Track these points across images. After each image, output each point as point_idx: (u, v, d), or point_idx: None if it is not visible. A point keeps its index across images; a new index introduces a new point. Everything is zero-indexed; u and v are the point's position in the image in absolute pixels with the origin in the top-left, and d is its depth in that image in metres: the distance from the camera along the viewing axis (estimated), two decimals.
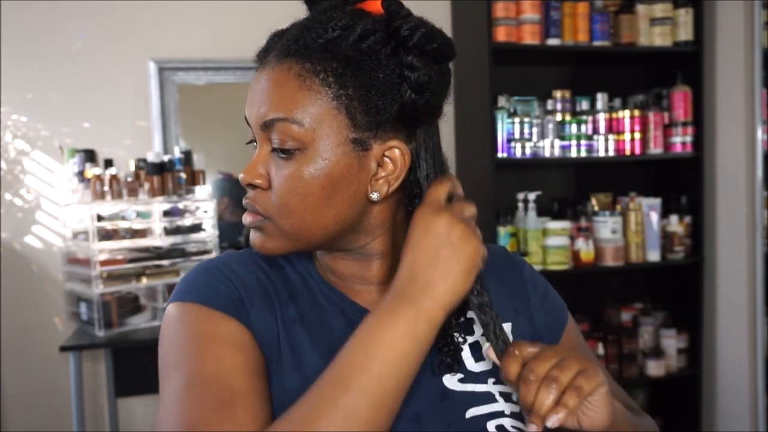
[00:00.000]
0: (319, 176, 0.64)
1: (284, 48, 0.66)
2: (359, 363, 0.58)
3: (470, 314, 0.72)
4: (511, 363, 0.63)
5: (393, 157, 0.67)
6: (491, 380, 0.71)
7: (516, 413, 0.69)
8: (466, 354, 0.72)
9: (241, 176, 0.68)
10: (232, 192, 2.59)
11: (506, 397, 0.70)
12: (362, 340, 0.60)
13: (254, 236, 0.69)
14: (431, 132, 0.70)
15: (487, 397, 0.70)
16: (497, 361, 0.66)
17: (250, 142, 0.70)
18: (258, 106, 0.66)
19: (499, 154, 2.41)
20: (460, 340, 0.72)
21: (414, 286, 0.62)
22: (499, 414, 0.70)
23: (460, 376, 0.71)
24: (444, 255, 0.63)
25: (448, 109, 0.72)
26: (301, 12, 0.70)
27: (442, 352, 0.70)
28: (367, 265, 0.73)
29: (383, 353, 0.59)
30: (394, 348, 0.59)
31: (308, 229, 0.66)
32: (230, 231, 2.52)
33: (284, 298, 0.71)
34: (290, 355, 0.68)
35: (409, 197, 0.70)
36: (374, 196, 0.67)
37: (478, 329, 0.73)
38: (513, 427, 0.69)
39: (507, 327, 0.76)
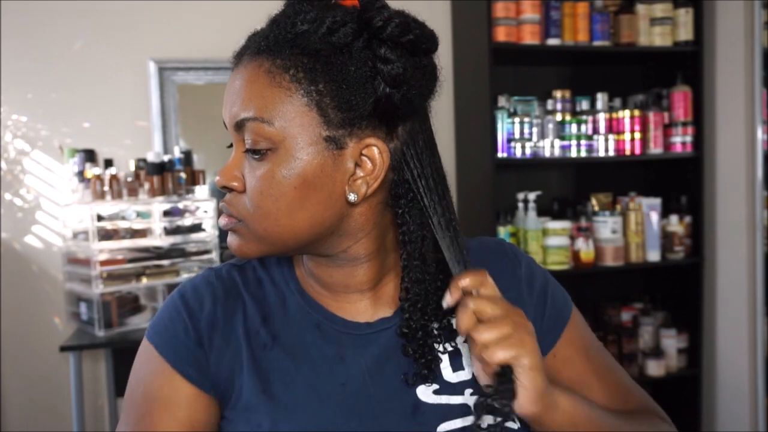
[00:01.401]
0: (291, 177, 0.62)
1: (256, 45, 0.64)
2: None
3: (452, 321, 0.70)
4: (454, 289, 0.64)
5: (371, 155, 0.64)
6: (468, 391, 0.69)
7: (492, 425, 0.66)
8: (445, 363, 0.70)
9: (216, 179, 0.66)
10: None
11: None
12: None
13: (230, 239, 0.67)
14: (416, 129, 0.66)
15: (463, 410, 0.68)
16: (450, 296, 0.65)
17: (230, 145, 0.68)
18: (231, 106, 0.65)
19: (499, 154, 2.41)
20: (440, 350, 0.70)
21: None
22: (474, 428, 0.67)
23: (435, 387, 0.69)
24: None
25: (449, 109, 0.70)
26: None
27: (418, 362, 0.68)
28: (351, 272, 0.70)
29: None
30: None
31: (282, 233, 0.64)
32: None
33: (257, 322, 0.70)
34: (257, 380, 0.67)
35: (394, 198, 0.67)
36: (351, 197, 0.64)
37: (459, 336, 0.71)
38: None
39: None
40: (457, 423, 0.68)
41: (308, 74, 0.61)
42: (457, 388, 0.69)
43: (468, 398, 0.69)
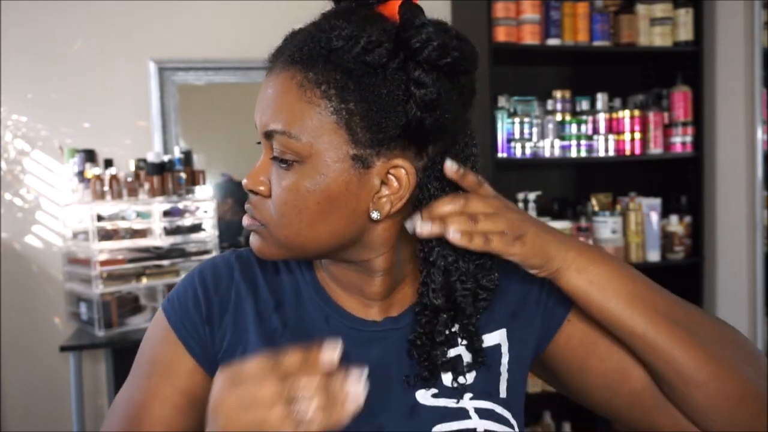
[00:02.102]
0: (315, 191, 0.62)
1: (291, 54, 0.63)
2: None
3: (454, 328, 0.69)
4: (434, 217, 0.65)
5: (398, 176, 0.63)
6: (468, 395, 0.69)
7: (490, 431, 0.67)
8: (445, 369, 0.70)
9: (244, 181, 0.67)
10: (236, 194, 2.59)
11: (482, 414, 0.69)
12: None
13: (253, 239, 0.68)
14: (448, 147, 0.66)
15: (460, 414, 0.68)
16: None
17: (260, 142, 0.68)
18: (262, 114, 0.64)
19: (499, 154, 2.41)
20: (443, 358, 0.69)
21: None
22: (470, 431, 0.68)
23: (434, 391, 0.69)
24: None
25: None
26: (301, 13, 0.68)
27: (421, 366, 0.68)
28: (369, 281, 0.70)
29: None
30: None
31: (303, 242, 0.65)
32: (230, 231, 2.52)
33: (270, 308, 0.71)
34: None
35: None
36: (375, 215, 0.64)
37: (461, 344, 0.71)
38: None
39: (501, 333, 0.73)
40: (453, 425, 0.68)
41: (340, 92, 0.60)
42: (455, 393, 0.70)
43: (467, 402, 0.69)
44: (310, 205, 0.62)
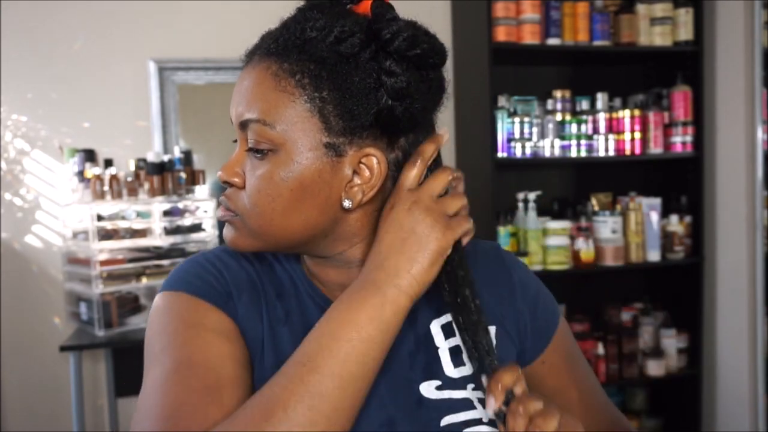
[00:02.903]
0: (289, 179, 0.64)
1: (266, 47, 0.65)
2: (326, 344, 0.59)
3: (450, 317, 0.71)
4: (498, 393, 0.61)
5: (369, 164, 0.65)
6: (470, 386, 0.70)
7: (494, 421, 0.67)
8: (446, 359, 0.71)
9: (219, 173, 0.68)
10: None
11: (484, 404, 0.68)
12: (329, 322, 0.61)
13: (227, 231, 0.69)
14: (419, 141, 0.67)
15: (465, 404, 0.69)
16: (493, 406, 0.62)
17: (236, 140, 0.69)
18: (237, 105, 0.66)
19: (499, 154, 2.41)
20: (441, 347, 0.71)
21: (380, 274, 0.62)
22: (476, 421, 0.69)
23: (437, 383, 0.70)
24: (409, 245, 0.63)
25: (449, 108, 0.70)
26: None
27: (420, 359, 0.69)
28: (347, 273, 0.71)
29: (349, 335, 0.59)
30: (360, 331, 0.60)
31: (276, 232, 0.66)
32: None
33: (272, 296, 0.71)
34: (273, 353, 0.68)
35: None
36: (347, 203, 0.65)
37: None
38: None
39: (491, 330, 0.74)
40: (460, 416, 0.69)
41: (313, 81, 0.62)
42: (459, 383, 0.70)
43: (470, 393, 0.70)
44: (283, 192, 0.64)
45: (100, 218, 2.16)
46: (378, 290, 0.62)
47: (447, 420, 0.68)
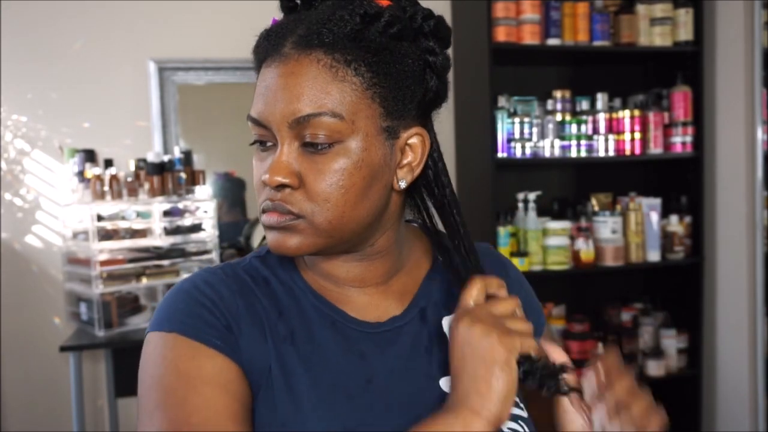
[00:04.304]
0: (361, 167, 0.64)
1: (305, 40, 0.63)
2: None
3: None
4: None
5: (414, 144, 0.68)
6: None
7: (514, 415, 0.68)
8: None
9: (265, 177, 0.64)
10: (228, 192, 2.59)
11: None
12: None
13: (280, 237, 0.65)
14: (432, 118, 0.72)
15: None
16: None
17: (255, 142, 0.67)
18: (284, 104, 0.63)
19: (499, 154, 2.41)
20: None
21: (467, 408, 0.60)
22: None
23: None
24: (485, 377, 0.60)
25: (449, 109, 0.73)
26: None
27: (437, 355, 0.69)
28: (369, 265, 0.71)
29: None
30: None
31: (345, 224, 0.65)
32: (230, 231, 2.52)
33: (273, 316, 0.68)
34: (281, 377, 0.65)
35: (414, 186, 0.72)
36: (402, 183, 0.68)
37: None
38: (509, 428, 0.68)
39: None
40: None
41: (370, 67, 0.64)
42: None
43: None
44: (357, 182, 0.64)
45: (100, 218, 2.16)
46: (470, 421, 0.60)
47: None
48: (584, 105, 2.57)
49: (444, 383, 0.69)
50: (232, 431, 0.60)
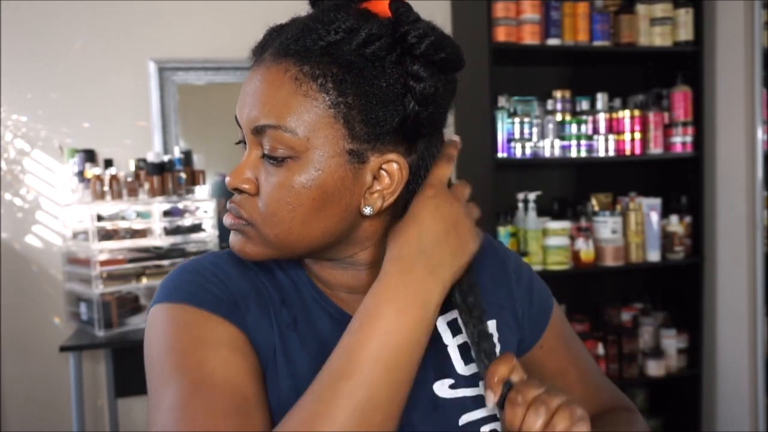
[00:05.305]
0: (310, 187, 0.61)
1: (282, 47, 0.61)
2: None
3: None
4: (495, 386, 0.61)
5: (390, 171, 0.63)
6: (482, 383, 0.69)
7: (494, 415, 0.69)
8: (456, 356, 0.71)
9: (227, 179, 0.64)
10: (228, 192, 2.58)
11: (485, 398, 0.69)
12: (365, 314, 0.59)
13: (235, 239, 0.65)
14: (433, 143, 0.66)
15: (479, 402, 0.69)
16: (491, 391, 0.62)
17: (239, 142, 0.67)
18: (249, 109, 0.62)
19: (499, 154, 2.41)
20: (449, 344, 0.71)
21: (423, 262, 0.60)
22: (492, 418, 0.69)
23: (450, 381, 0.70)
24: (453, 239, 0.62)
25: None
26: (302, 11, 0.67)
27: (430, 359, 0.69)
28: (356, 275, 0.70)
29: (388, 326, 0.58)
30: (400, 321, 0.58)
31: (293, 241, 0.63)
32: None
33: (277, 302, 0.68)
34: (284, 360, 0.66)
35: (404, 209, 0.66)
36: (367, 210, 0.63)
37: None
38: (491, 429, 0.69)
39: (492, 324, 0.74)
40: (476, 414, 0.69)
41: (338, 85, 0.59)
42: (470, 381, 0.70)
43: (482, 390, 0.69)
44: (304, 201, 0.61)
45: (100, 218, 2.16)
46: (419, 280, 0.60)
47: (465, 419, 0.68)
48: (584, 105, 2.57)
49: (438, 388, 0.69)
50: (255, 390, 0.60)
